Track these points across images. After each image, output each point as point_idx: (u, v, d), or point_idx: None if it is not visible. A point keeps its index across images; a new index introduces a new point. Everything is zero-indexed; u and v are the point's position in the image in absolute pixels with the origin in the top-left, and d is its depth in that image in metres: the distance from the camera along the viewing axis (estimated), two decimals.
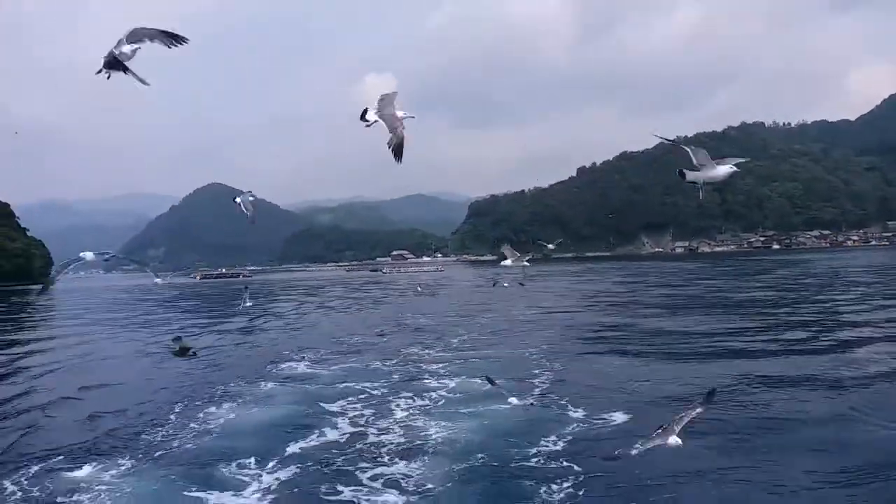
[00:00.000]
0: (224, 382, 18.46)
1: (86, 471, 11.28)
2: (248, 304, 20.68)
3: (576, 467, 10.58)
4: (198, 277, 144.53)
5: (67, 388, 18.52)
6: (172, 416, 14.55)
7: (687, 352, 21.61)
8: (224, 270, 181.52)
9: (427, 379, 18.21)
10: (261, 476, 10.67)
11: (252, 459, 11.36)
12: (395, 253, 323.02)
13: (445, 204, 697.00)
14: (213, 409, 15.29)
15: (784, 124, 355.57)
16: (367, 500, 9.50)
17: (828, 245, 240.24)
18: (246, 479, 10.51)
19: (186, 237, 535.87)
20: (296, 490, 10.11)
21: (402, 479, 10.21)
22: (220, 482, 10.41)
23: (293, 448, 12.07)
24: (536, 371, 18.62)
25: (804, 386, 15.81)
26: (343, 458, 11.43)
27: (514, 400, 13.54)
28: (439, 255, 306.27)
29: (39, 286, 47.91)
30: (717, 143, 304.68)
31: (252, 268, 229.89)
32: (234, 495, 9.93)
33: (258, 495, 9.90)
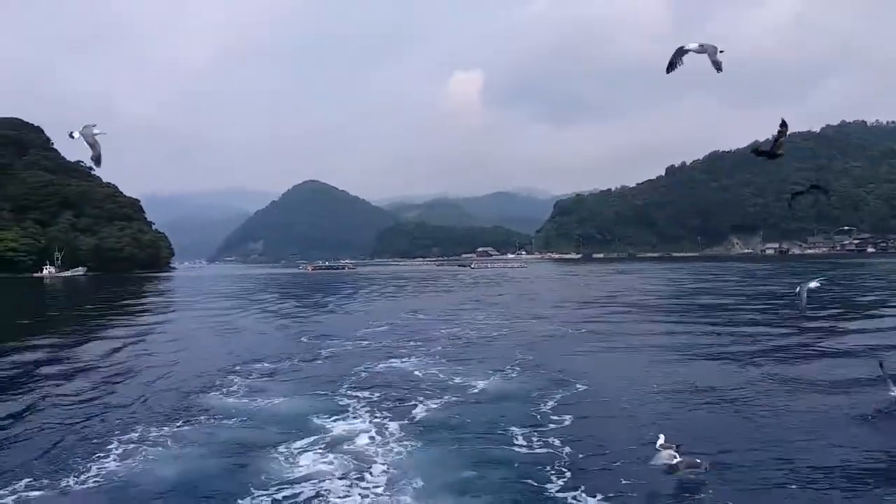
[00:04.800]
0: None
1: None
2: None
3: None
4: (309, 269, 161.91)
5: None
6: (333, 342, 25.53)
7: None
8: (329, 263, 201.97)
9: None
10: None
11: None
12: (479, 249, 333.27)
13: (529, 201, 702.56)
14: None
15: (888, 122, 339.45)
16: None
17: None
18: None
19: (284, 232, 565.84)
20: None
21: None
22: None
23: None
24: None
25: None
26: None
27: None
28: (523, 253, 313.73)
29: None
30: (812, 143, 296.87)
31: (350, 261, 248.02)
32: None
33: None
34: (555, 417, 12.14)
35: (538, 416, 12.36)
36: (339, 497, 8.52)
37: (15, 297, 69.51)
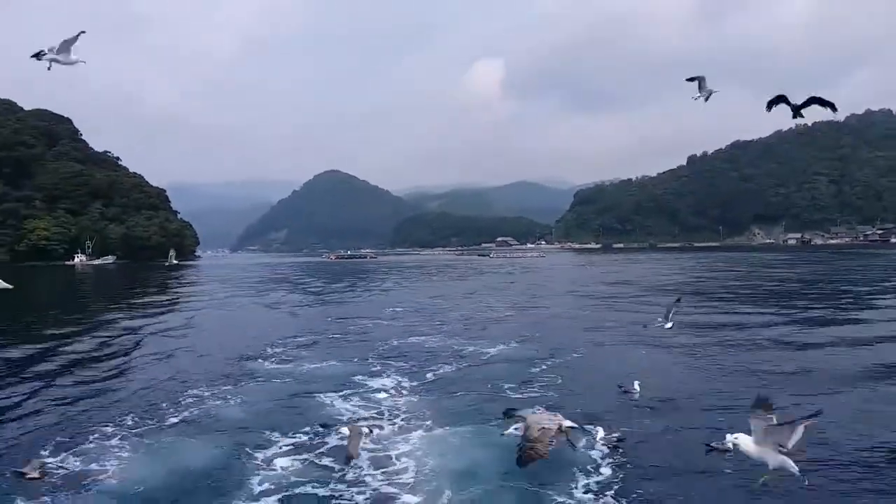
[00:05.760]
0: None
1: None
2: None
3: None
4: (332, 258, 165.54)
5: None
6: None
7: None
8: (351, 253, 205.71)
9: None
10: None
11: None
12: (499, 239, 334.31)
13: (550, 191, 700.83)
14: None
15: None
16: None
17: None
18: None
19: (306, 221, 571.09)
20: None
21: None
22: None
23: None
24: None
25: None
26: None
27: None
28: (543, 243, 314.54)
29: None
30: (834, 133, 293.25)
31: (371, 250, 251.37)
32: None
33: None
34: (546, 377, 14.55)
35: (534, 375, 14.84)
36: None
37: (61, 283, 73.06)
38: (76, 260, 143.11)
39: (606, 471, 8.89)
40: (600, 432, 9.60)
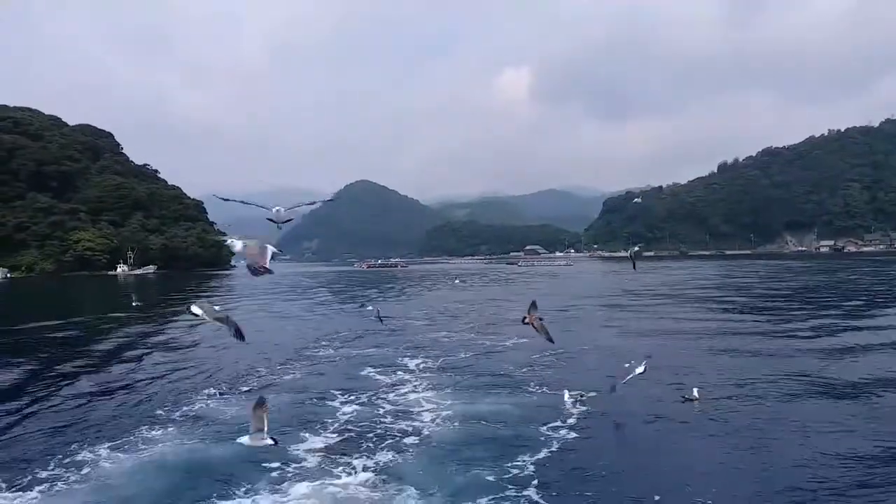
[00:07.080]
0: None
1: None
2: None
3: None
4: (365, 267, 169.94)
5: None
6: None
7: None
8: (381, 262, 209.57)
9: None
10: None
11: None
12: (528, 247, 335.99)
13: (579, 199, 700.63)
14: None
15: None
16: None
17: None
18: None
19: (337, 230, 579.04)
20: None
21: None
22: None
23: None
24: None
25: None
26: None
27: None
28: (572, 251, 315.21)
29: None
30: (868, 139, 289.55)
31: (401, 259, 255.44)
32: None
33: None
34: (548, 360, 17.73)
35: (537, 359, 18.14)
36: (403, 393, 14.59)
37: (114, 291, 77.82)
38: (118, 270, 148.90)
39: (584, 417, 12.12)
40: (566, 393, 12.76)
